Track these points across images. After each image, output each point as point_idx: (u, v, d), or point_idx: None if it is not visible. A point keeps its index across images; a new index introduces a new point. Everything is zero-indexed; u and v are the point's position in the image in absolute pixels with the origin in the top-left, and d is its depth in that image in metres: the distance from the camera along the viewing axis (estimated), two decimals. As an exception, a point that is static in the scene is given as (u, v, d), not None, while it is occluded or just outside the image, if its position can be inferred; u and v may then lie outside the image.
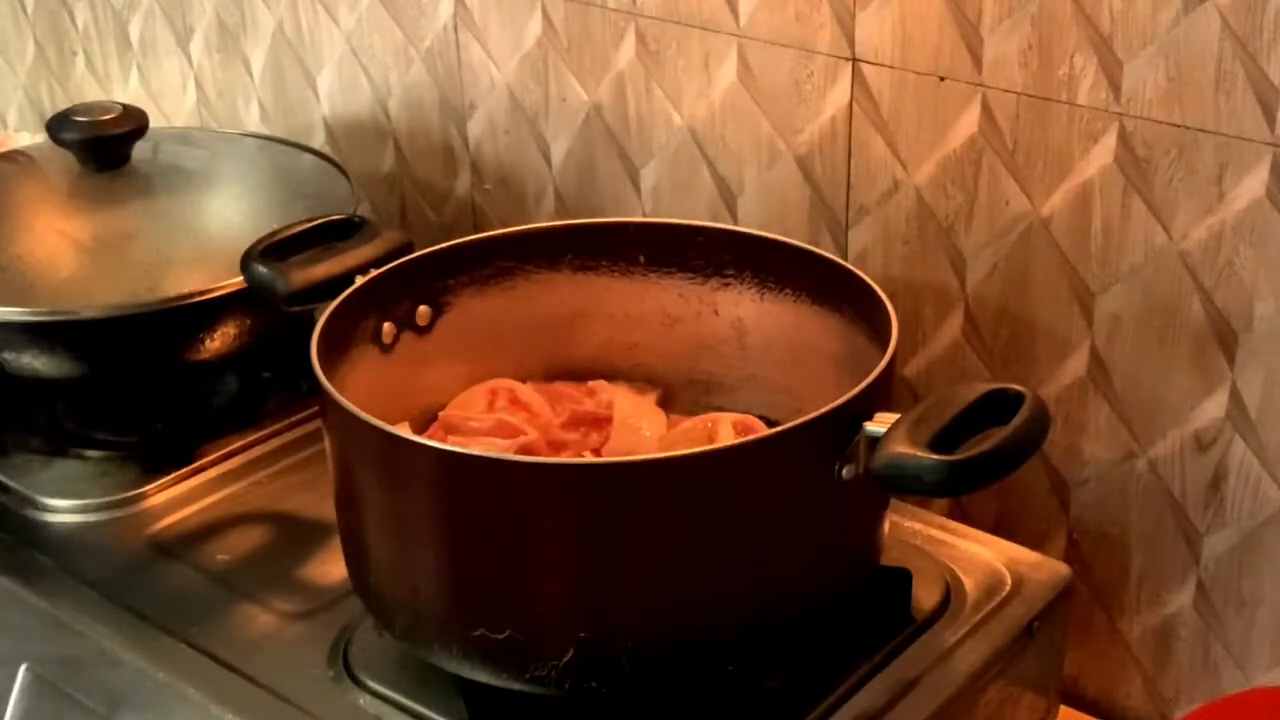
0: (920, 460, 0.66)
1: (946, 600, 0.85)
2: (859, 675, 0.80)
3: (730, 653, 0.74)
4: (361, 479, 0.75)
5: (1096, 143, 0.87)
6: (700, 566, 0.72)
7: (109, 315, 0.96)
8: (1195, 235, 0.85)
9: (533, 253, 0.91)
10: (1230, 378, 0.87)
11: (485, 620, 0.72)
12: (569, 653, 0.71)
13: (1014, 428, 0.68)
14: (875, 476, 0.68)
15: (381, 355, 0.86)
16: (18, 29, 1.61)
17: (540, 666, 0.72)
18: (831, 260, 0.85)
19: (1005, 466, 0.68)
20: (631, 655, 0.72)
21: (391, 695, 0.79)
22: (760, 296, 0.89)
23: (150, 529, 0.94)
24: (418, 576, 0.75)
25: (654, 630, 0.72)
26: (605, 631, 0.72)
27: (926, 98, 0.93)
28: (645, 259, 0.91)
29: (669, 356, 0.92)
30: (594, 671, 0.72)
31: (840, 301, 0.85)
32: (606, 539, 0.70)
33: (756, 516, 0.71)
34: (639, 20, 1.05)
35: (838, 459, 0.71)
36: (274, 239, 0.88)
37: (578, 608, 0.72)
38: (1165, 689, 0.96)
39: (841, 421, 0.71)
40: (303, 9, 1.29)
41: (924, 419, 0.69)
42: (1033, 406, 0.69)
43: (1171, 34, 0.82)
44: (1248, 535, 0.89)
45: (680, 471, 0.70)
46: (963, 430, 0.69)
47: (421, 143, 1.25)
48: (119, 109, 1.08)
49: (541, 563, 0.71)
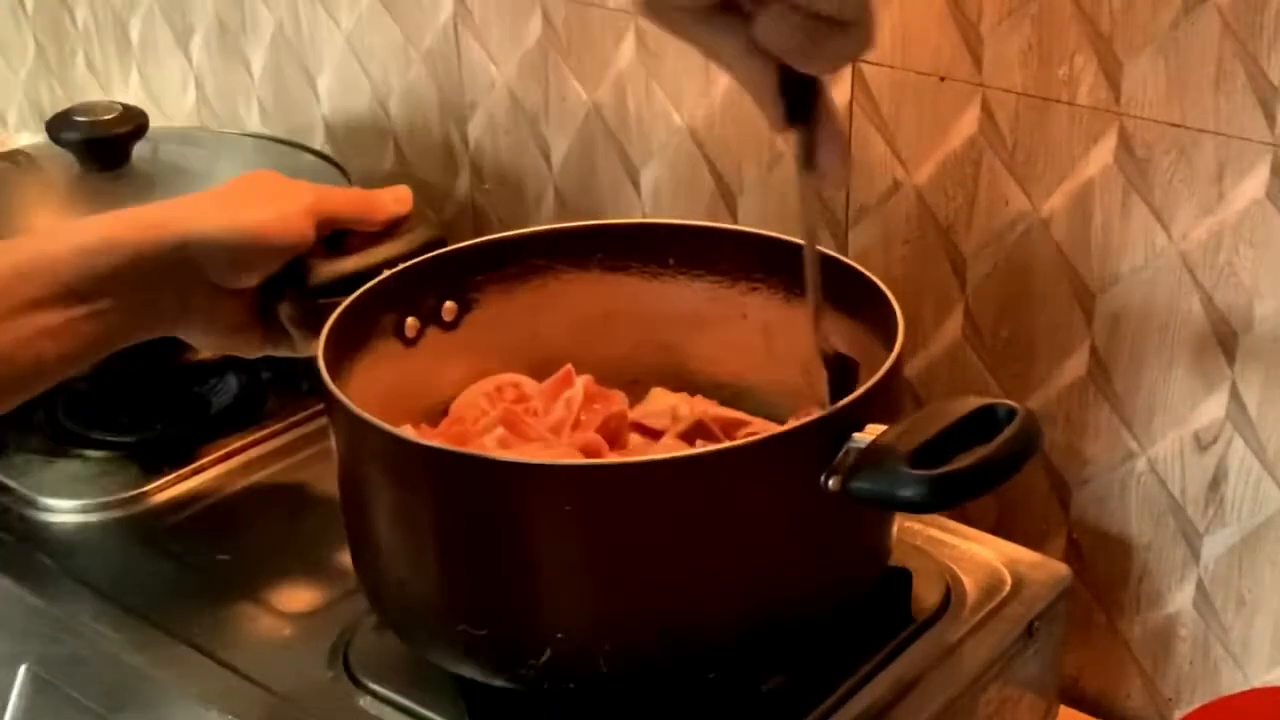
0: (897, 475, 0.65)
1: (946, 600, 0.85)
2: (859, 675, 0.79)
3: (713, 658, 0.73)
4: (354, 470, 0.75)
5: (1096, 143, 0.87)
6: (680, 571, 0.71)
7: (109, 315, 0.96)
8: (1195, 235, 0.85)
9: (563, 252, 0.90)
10: (1230, 378, 0.87)
11: (467, 617, 0.72)
12: (546, 653, 0.71)
13: (996, 445, 0.66)
14: (851, 489, 0.67)
15: (404, 349, 0.86)
16: (18, 29, 1.61)
17: (519, 665, 0.72)
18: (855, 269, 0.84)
19: (985, 484, 0.66)
20: (609, 658, 0.71)
21: (391, 695, 0.79)
22: (787, 301, 0.88)
23: (150, 529, 0.94)
24: (404, 570, 0.75)
25: (633, 633, 0.72)
26: (583, 633, 0.71)
27: (926, 98, 0.93)
28: (675, 261, 0.90)
29: (699, 359, 0.92)
30: (572, 672, 0.72)
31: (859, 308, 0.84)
32: (583, 540, 0.70)
33: (737, 523, 0.70)
34: (639, 20, 1.05)
35: (823, 469, 0.69)
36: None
37: (554, 608, 0.71)
38: (1165, 689, 0.96)
39: (825, 432, 0.69)
40: (303, 9, 1.29)
41: (909, 432, 0.67)
42: (1021, 423, 0.67)
43: (1171, 34, 0.82)
44: (1248, 535, 0.89)
45: (657, 475, 0.69)
46: (950, 445, 0.67)
47: (421, 143, 1.25)
48: (119, 109, 1.08)
49: (517, 562, 0.71)
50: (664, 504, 0.69)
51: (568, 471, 0.73)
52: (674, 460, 0.72)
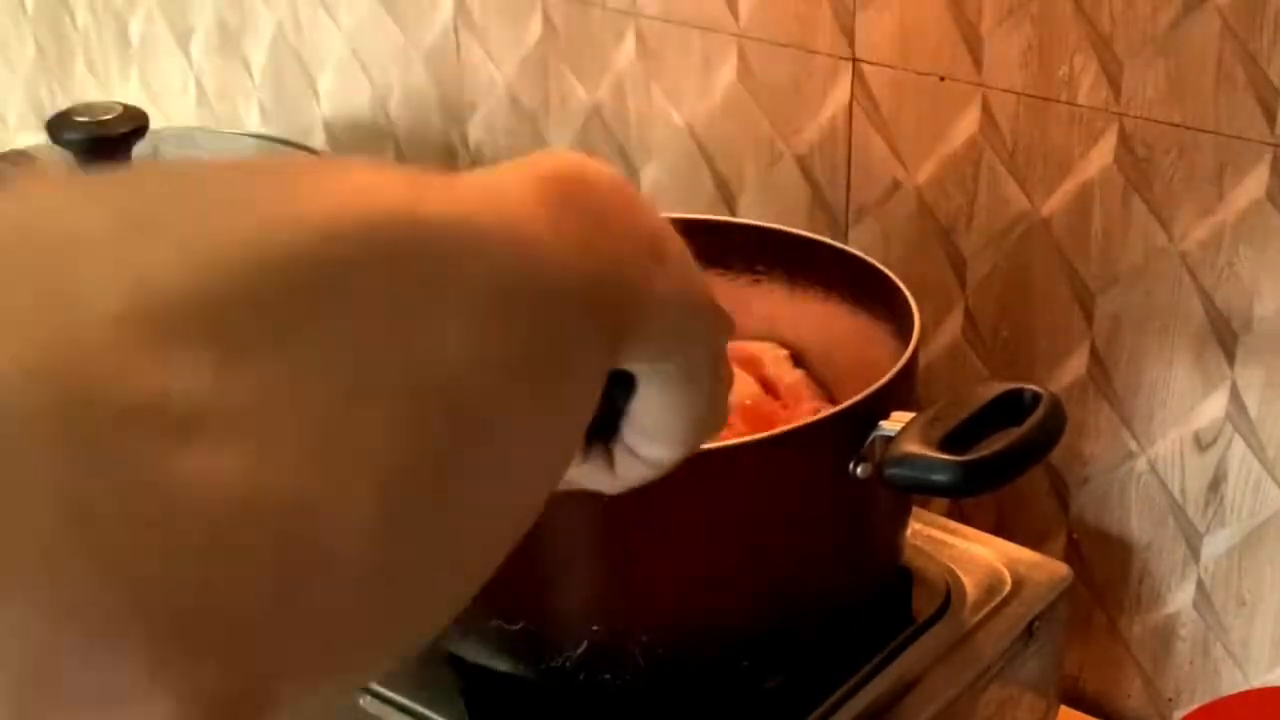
0: (931, 460, 0.66)
1: (946, 600, 0.85)
2: (859, 675, 0.79)
3: (745, 648, 0.74)
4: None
5: (1096, 143, 0.87)
6: (714, 562, 0.72)
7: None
8: (1195, 235, 0.85)
9: None
10: (1230, 378, 0.87)
11: (501, 611, 0.73)
12: (583, 645, 0.72)
13: (1028, 428, 0.68)
14: (887, 476, 0.68)
15: None
16: (18, 29, 1.61)
17: (554, 658, 0.72)
18: (861, 259, 0.84)
19: (1017, 467, 0.67)
20: (645, 649, 0.72)
21: (391, 695, 0.79)
22: (791, 294, 0.88)
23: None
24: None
25: (667, 625, 0.72)
26: (619, 625, 0.72)
27: (926, 98, 0.93)
28: None
29: None
30: (607, 664, 0.72)
31: (868, 300, 0.84)
32: (619, 533, 0.70)
33: (770, 513, 0.71)
34: (639, 20, 1.05)
35: (852, 458, 0.70)
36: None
37: (591, 601, 0.72)
38: (1165, 689, 0.96)
39: (855, 420, 0.71)
40: (303, 9, 1.29)
41: (938, 419, 0.68)
42: (1049, 406, 0.69)
43: (1171, 34, 0.82)
44: (1248, 535, 0.89)
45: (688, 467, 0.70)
46: (978, 430, 0.69)
47: (421, 143, 1.25)
48: (119, 109, 1.08)
49: (555, 556, 0.71)
50: (696, 496, 0.69)
51: None
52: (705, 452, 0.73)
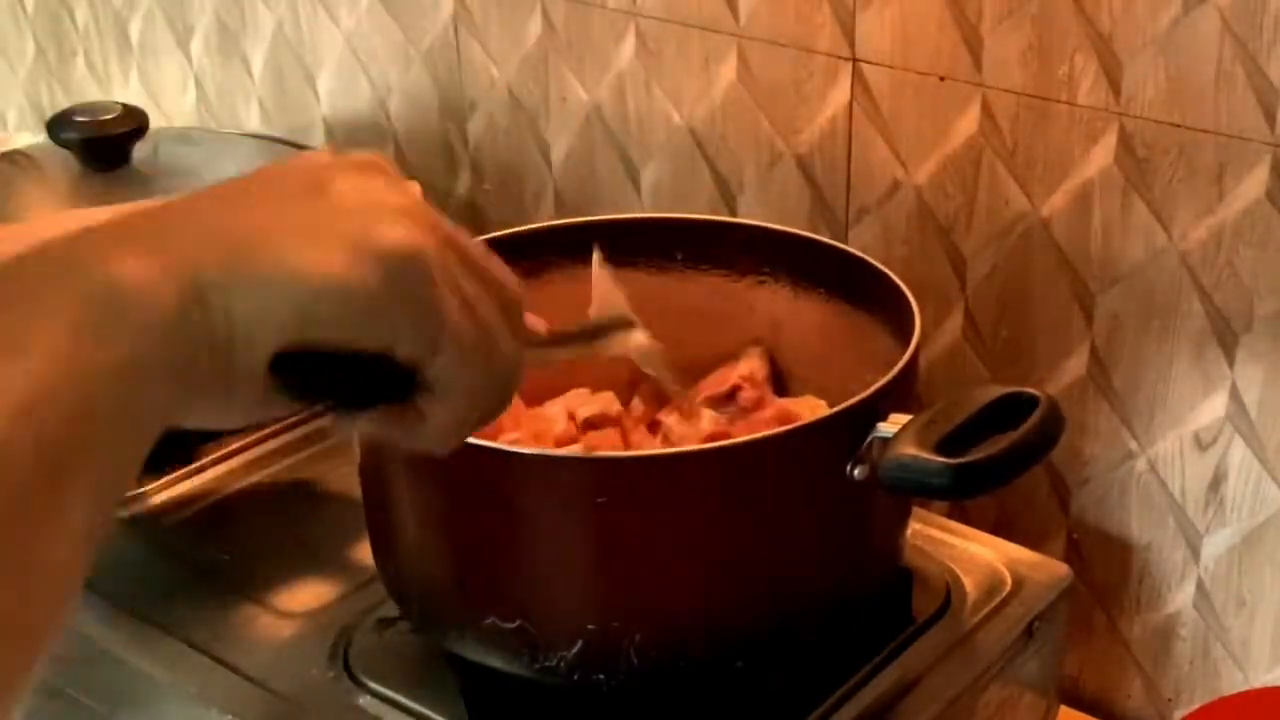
0: (926, 463, 0.66)
1: (946, 600, 0.85)
2: (859, 675, 0.79)
3: (743, 648, 0.74)
4: (378, 464, 0.76)
5: (1096, 143, 0.87)
6: (708, 562, 0.72)
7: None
8: (1195, 235, 0.85)
9: (567, 248, 0.90)
10: (1230, 378, 0.87)
11: (496, 610, 0.73)
12: (577, 645, 0.72)
13: (1025, 431, 0.67)
14: (882, 478, 0.68)
15: None
16: (18, 29, 1.61)
17: (549, 657, 0.72)
18: (862, 259, 0.84)
19: (1012, 471, 0.67)
20: (639, 649, 0.72)
21: (391, 695, 0.79)
22: (794, 295, 0.88)
23: (151, 528, 0.94)
24: (431, 563, 0.75)
25: (662, 625, 0.73)
26: (613, 625, 0.72)
27: (926, 98, 0.93)
28: (681, 256, 0.90)
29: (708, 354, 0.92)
30: (601, 664, 0.72)
31: (868, 300, 0.84)
32: (614, 533, 0.71)
33: (767, 513, 0.71)
34: (639, 20, 1.05)
35: (850, 459, 0.70)
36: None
37: (585, 601, 0.72)
38: (1165, 689, 0.96)
39: (853, 422, 0.71)
40: (303, 9, 1.29)
41: (935, 421, 0.68)
42: (1046, 410, 0.69)
43: (1171, 34, 0.82)
44: (1248, 535, 0.89)
45: (688, 467, 0.70)
46: (975, 433, 0.68)
47: (421, 143, 1.25)
48: (119, 109, 1.08)
49: (550, 555, 0.71)
50: (693, 495, 0.70)
51: (599, 464, 0.73)
52: (702, 452, 0.73)
